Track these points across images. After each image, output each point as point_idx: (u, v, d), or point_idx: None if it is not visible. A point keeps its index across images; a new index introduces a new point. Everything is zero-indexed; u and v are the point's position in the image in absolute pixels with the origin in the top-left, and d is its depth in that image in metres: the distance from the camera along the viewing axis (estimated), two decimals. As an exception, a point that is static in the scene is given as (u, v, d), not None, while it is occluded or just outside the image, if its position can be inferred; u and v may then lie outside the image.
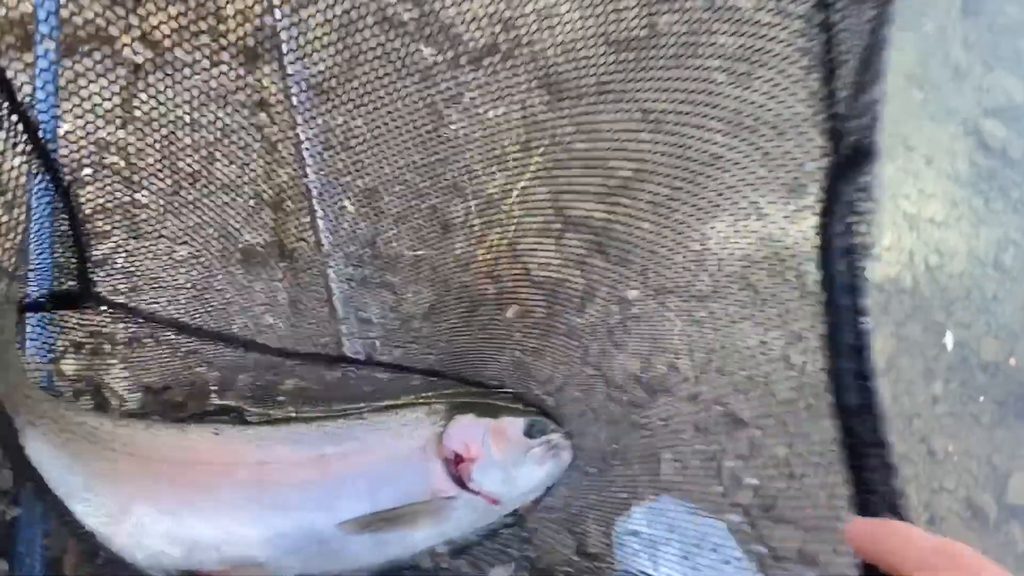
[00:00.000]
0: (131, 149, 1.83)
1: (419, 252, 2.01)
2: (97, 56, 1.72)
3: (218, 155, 1.78)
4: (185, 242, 1.97)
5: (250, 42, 1.90)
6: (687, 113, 1.54)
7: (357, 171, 1.81)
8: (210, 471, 1.90)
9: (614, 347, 2.15)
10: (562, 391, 2.22)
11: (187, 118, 1.70)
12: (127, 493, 1.82)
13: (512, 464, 2.04)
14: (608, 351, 2.17)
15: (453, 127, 1.75)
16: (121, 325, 2.02)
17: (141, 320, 2.01)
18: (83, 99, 1.63)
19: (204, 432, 1.98)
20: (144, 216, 1.89)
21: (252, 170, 1.87)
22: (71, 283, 1.84)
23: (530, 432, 2.08)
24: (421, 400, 2.23)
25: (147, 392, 2.09)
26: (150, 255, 1.98)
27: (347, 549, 1.94)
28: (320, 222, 2.06)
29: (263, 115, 2.00)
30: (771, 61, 1.33)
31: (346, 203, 1.99)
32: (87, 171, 1.73)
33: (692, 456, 2.18)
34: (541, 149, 1.79)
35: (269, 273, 2.07)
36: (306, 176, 1.96)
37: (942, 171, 3.93)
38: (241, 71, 1.82)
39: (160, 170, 1.80)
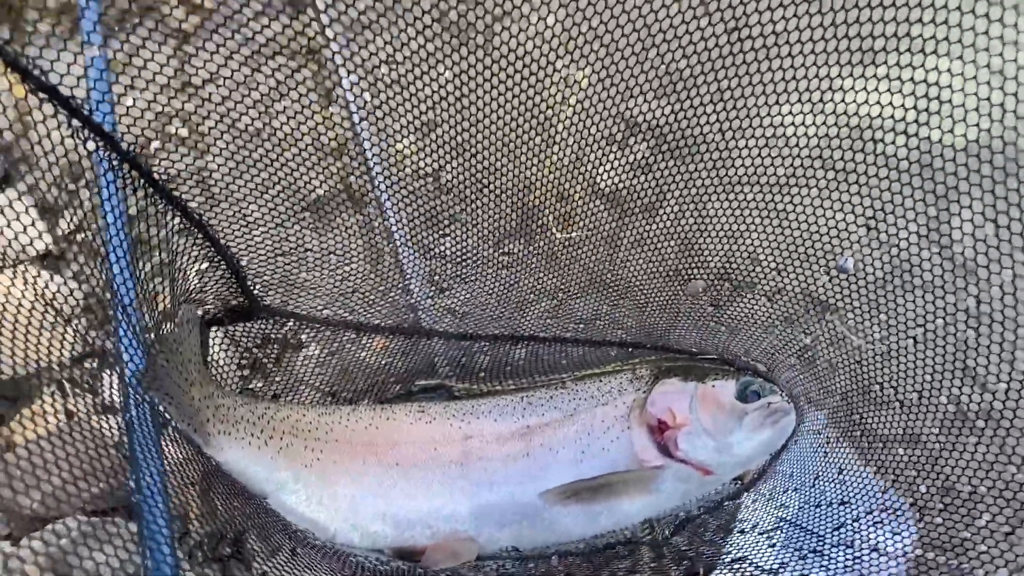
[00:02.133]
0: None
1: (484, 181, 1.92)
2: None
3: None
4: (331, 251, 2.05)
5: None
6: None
7: (408, 106, 1.73)
8: (416, 450, 1.95)
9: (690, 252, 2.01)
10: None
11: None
12: (336, 479, 1.90)
13: (723, 431, 1.90)
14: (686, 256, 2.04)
15: (500, 46, 1.61)
16: (290, 329, 2.14)
17: (312, 324, 2.12)
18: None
19: (409, 411, 2.03)
20: (286, 230, 2.00)
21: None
22: (240, 299, 1.97)
23: (744, 395, 1.93)
24: (625, 366, 2.15)
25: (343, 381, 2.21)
26: (300, 265, 2.06)
27: (557, 521, 1.93)
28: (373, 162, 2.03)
29: (311, 64, 1.99)
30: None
31: (402, 140, 1.93)
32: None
33: (784, 349, 2.02)
34: (592, 55, 1.66)
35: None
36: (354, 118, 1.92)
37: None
38: (285, 20, 1.76)
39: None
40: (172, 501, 1.57)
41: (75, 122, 1.15)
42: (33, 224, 1.91)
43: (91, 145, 1.21)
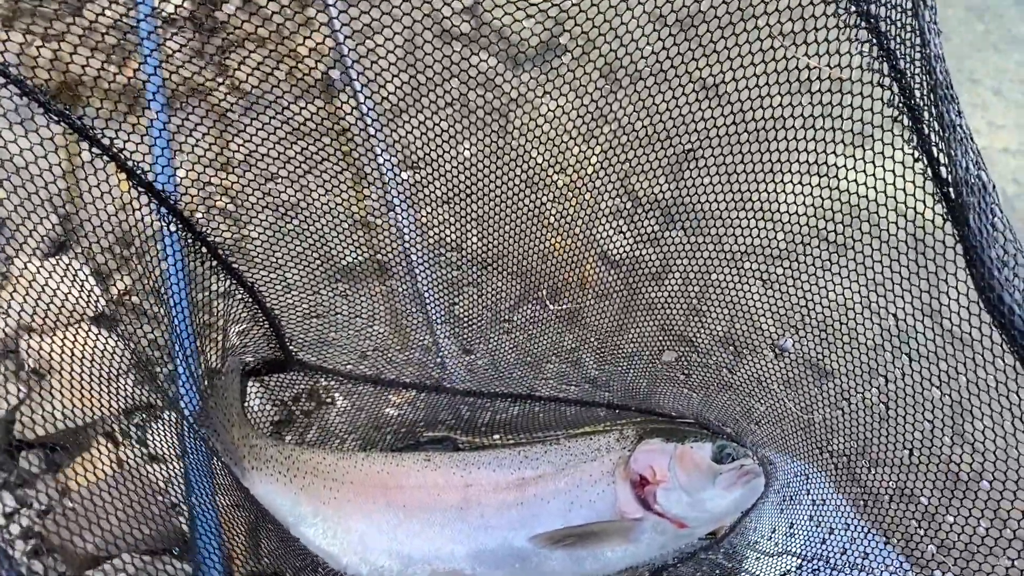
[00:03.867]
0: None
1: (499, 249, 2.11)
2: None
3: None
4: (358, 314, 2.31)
5: (325, 75, 2.07)
6: (744, 80, 1.57)
7: (434, 182, 1.92)
8: (421, 494, 2.16)
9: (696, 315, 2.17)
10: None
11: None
12: (349, 516, 2.12)
13: (698, 488, 2.08)
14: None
15: (518, 127, 1.81)
16: (322, 382, 2.42)
17: (338, 377, 2.39)
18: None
19: (417, 459, 2.25)
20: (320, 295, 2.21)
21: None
22: (277, 353, 2.25)
23: (719, 457, 2.11)
24: (613, 427, 2.34)
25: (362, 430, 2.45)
26: (331, 326, 2.31)
27: (546, 565, 2.11)
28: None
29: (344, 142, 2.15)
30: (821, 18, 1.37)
31: (426, 211, 2.16)
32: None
33: (783, 410, 2.16)
34: (603, 136, 1.83)
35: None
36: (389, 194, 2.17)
37: (1011, 100, 3.80)
38: (320, 103, 1.95)
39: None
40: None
41: (163, 210, 1.42)
42: (89, 287, 2.11)
43: (172, 227, 1.49)
